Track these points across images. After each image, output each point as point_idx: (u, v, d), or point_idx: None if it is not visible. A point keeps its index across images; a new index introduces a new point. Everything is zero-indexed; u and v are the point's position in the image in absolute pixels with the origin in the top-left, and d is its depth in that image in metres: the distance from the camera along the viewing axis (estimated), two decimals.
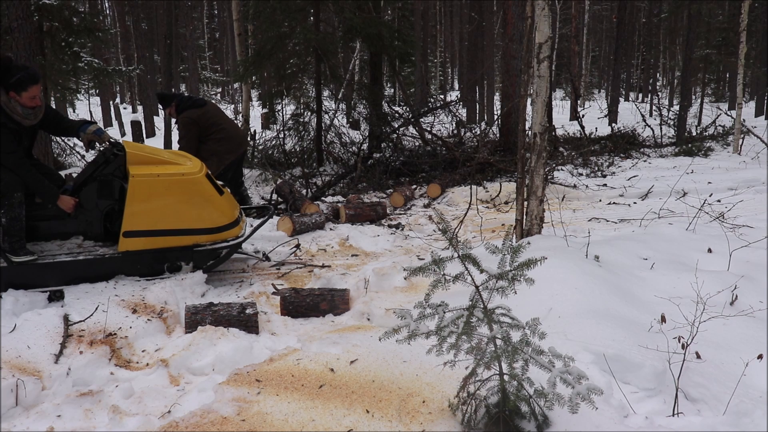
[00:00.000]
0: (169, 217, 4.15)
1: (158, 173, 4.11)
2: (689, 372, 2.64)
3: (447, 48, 35.06)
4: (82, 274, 4.02)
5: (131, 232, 4.07)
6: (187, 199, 4.19)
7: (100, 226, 4.33)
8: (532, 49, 4.40)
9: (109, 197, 4.28)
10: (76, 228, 4.33)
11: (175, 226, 4.17)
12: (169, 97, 5.78)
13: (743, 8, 11.36)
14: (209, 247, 4.32)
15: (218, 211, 4.36)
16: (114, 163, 4.22)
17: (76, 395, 2.71)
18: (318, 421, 2.40)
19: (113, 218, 4.30)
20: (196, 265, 4.34)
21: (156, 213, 4.11)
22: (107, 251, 4.15)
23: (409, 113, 10.66)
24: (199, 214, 4.24)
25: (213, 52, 38.85)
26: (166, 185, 4.11)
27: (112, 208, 4.30)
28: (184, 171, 4.22)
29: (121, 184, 4.23)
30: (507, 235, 2.26)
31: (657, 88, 33.11)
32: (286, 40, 9.39)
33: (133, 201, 4.03)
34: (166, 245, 4.20)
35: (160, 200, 4.10)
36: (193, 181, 4.20)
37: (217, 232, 4.34)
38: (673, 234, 4.78)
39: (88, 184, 4.23)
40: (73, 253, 4.10)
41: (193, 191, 4.20)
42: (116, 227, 4.22)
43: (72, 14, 9.73)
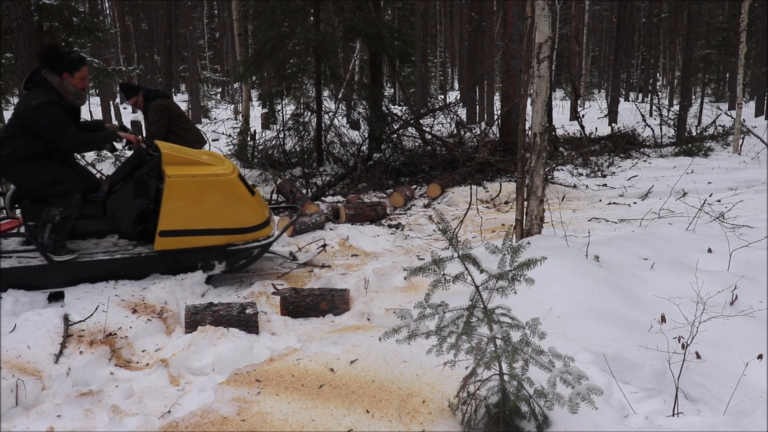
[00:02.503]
0: (203, 217, 4.23)
1: (193, 174, 4.19)
2: (689, 372, 2.64)
3: (447, 48, 35.05)
4: (119, 272, 4.10)
5: (167, 231, 4.14)
6: (221, 200, 4.26)
7: (135, 225, 4.41)
8: (532, 49, 4.40)
9: (144, 197, 4.37)
10: (111, 227, 4.41)
11: (210, 226, 4.25)
12: (135, 88, 5.80)
13: (743, 8, 11.36)
14: (242, 246, 4.38)
15: (251, 211, 4.42)
16: (149, 164, 4.30)
17: (76, 395, 2.71)
18: (318, 421, 2.40)
19: (148, 218, 4.38)
20: (228, 265, 4.40)
21: (191, 213, 4.18)
22: (143, 250, 4.22)
23: (409, 113, 10.66)
24: (232, 214, 4.31)
25: (213, 52, 38.83)
26: (202, 186, 4.19)
27: (147, 208, 4.39)
28: (218, 172, 4.29)
29: (157, 184, 4.33)
30: (507, 235, 2.26)
31: (657, 88, 33.11)
32: (286, 40, 9.39)
33: (170, 201, 4.11)
34: (201, 245, 4.26)
35: (196, 200, 4.18)
36: (228, 182, 4.27)
37: (250, 232, 4.41)
38: (673, 234, 4.78)
39: (124, 184, 4.33)
40: (109, 252, 4.18)
41: (227, 191, 4.28)
42: (150, 226, 4.30)
43: (72, 14, 9.73)
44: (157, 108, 5.56)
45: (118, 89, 6.17)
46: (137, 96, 5.74)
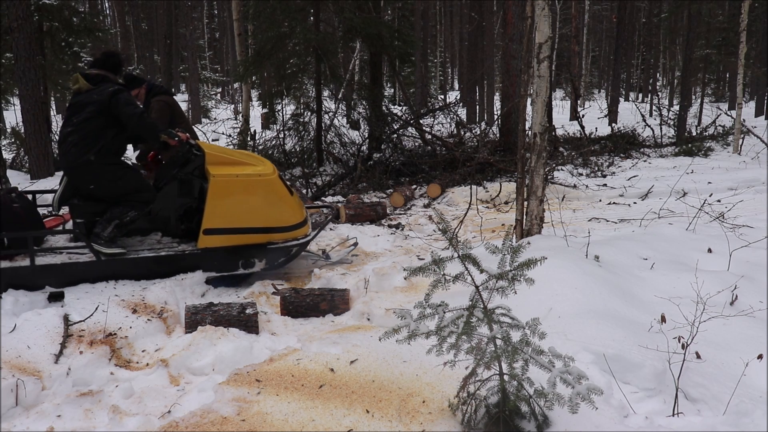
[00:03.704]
0: (246, 216, 4.32)
1: (237, 173, 4.30)
2: (689, 372, 2.64)
3: (447, 48, 35.05)
4: (164, 269, 4.19)
5: (211, 229, 4.24)
6: (263, 199, 4.36)
7: (178, 223, 4.50)
8: (532, 49, 4.40)
9: (188, 196, 4.45)
10: (155, 224, 4.51)
11: (252, 225, 4.35)
12: (138, 80, 5.78)
13: (743, 8, 11.36)
14: (282, 245, 4.48)
15: (290, 210, 4.53)
16: (193, 163, 4.39)
17: (76, 395, 2.71)
18: (318, 421, 2.40)
19: (190, 216, 4.48)
20: (268, 262, 4.47)
21: (234, 212, 4.28)
22: (187, 248, 4.31)
23: (409, 113, 10.66)
24: (273, 213, 4.42)
25: (213, 52, 38.83)
26: (245, 185, 4.29)
27: (190, 207, 4.47)
28: (260, 172, 4.40)
29: (201, 183, 4.42)
30: (507, 235, 2.26)
31: (657, 88, 33.10)
32: (286, 40, 9.39)
33: (214, 200, 4.21)
34: (243, 243, 4.36)
35: (239, 199, 4.28)
36: (269, 182, 4.39)
37: (289, 231, 4.51)
38: (673, 234, 4.78)
39: (168, 183, 4.41)
40: (154, 249, 4.28)
41: (269, 191, 4.38)
42: (193, 225, 4.41)
43: (72, 14, 9.74)
44: (161, 104, 5.54)
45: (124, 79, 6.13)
46: (140, 88, 5.72)
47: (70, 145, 4.00)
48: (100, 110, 3.97)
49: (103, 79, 4.08)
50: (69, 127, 4.03)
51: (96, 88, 4.02)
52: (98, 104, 3.96)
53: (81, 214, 4.15)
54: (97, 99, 3.97)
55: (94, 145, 3.99)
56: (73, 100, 4.10)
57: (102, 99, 3.96)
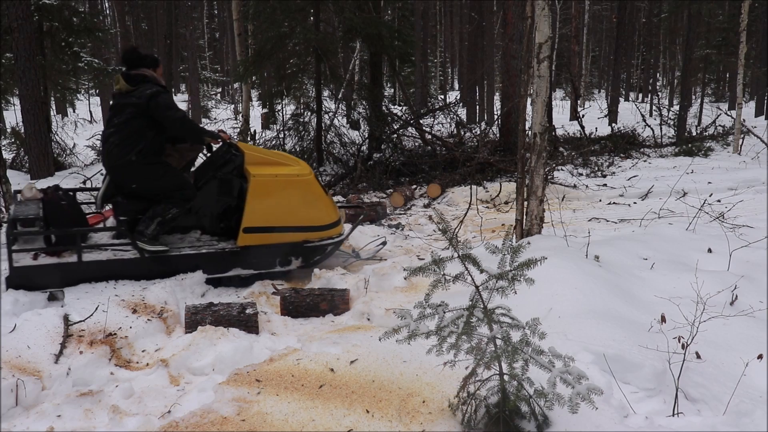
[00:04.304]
0: (284, 215, 4.43)
1: (276, 173, 4.42)
2: (689, 372, 2.64)
3: (447, 48, 35.04)
4: (203, 266, 4.28)
5: (251, 228, 4.34)
6: (301, 198, 4.48)
7: (217, 221, 4.59)
8: (532, 49, 4.40)
9: (228, 195, 4.53)
10: (195, 222, 4.59)
11: (290, 224, 4.46)
12: None
13: (743, 8, 11.35)
14: (317, 243, 4.60)
15: (326, 209, 4.64)
16: (233, 163, 4.48)
17: (76, 395, 2.71)
18: (318, 421, 2.40)
19: (229, 215, 4.56)
20: (304, 261, 4.57)
21: (273, 211, 4.39)
22: (226, 245, 4.40)
23: (409, 113, 10.65)
24: (310, 213, 4.53)
25: (213, 52, 38.82)
26: (284, 185, 4.41)
27: (229, 205, 4.55)
28: (298, 172, 4.52)
29: (240, 183, 4.50)
30: (507, 235, 2.26)
31: (657, 88, 33.10)
32: (286, 40, 9.39)
33: (254, 199, 4.31)
34: (281, 241, 4.46)
35: (278, 199, 4.39)
36: (307, 182, 4.51)
37: (325, 230, 4.62)
38: (673, 234, 4.78)
39: (208, 183, 4.49)
40: (195, 246, 4.38)
41: (306, 191, 4.51)
42: (232, 223, 4.51)
43: (72, 14, 9.74)
44: None
45: None
46: None
47: (111, 145, 4.10)
48: (139, 112, 4.06)
49: (142, 79, 4.14)
50: (111, 128, 4.14)
51: (135, 90, 4.09)
52: (137, 107, 4.05)
53: (124, 211, 4.26)
54: (135, 102, 4.05)
55: (135, 146, 4.08)
56: (114, 101, 4.20)
57: (140, 102, 4.04)
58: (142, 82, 4.12)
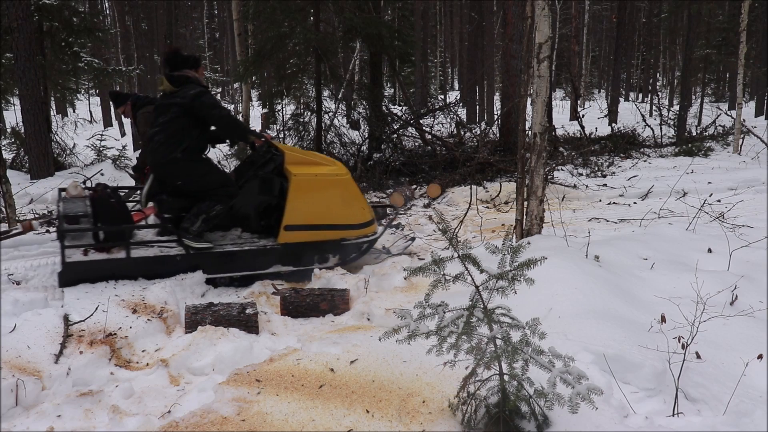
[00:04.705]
0: (323, 213, 4.56)
1: (316, 173, 4.56)
2: (689, 372, 2.64)
3: (447, 48, 35.03)
4: (245, 263, 4.40)
5: (291, 226, 4.47)
6: (339, 197, 4.61)
7: (258, 219, 4.71)
8: (532, 49, 4.40)
9: (268, 193, 4.66)
10: (235, 221, 4.71)
11: (328, 222, 4.58)
12: (123, 96, 5.81)
13: (743, 8, 11.35)
14: (354, 241, 4.73)
15: (362, 208, 4.80)
16: (273, 163, 4.62)
17: (76, 395, 2.71)
18: (318, 421, 2.40)
19: (269, 213, 4.69)
20: (341, 258, 4.66)
21: (313, 209, 4.52)
22: (267, 243, 4.52)
23: (409, 113, 10.65)
24: (347, 211, 4.66)
25: (213, 52, 38.81)
26: (324, 184, 4.55)
27: (269, 204, 4.67)
28: (337, 172, 4.68)
29: (281, 182, 4.62)
30: (507, 235, 2.26)
31: (657, 88, 33.09)
32: (286, 40, 9.38)
33: (295, 197, 4.44)
34: (320, 239, 4.58)
35: (317, 197, 4.52)
36: (345, 181, 4.67)
37: (360, 228, 4.76)
38: (673, 234, 4.78)
39: (250, 181, 4.62)
40: (237, 244, 4.50)
41: (344, 190, 4.66)
42: (272, 221, 4.64)
43: (72, 14, 9.73)
44: (146, 117, 5.56)
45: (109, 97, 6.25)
46: (125, 105, 5.75)
47: (157, 144, 4.22)
48: (184, 112, 4.19)
49: (185, 80, 4.28)
50: (156, 127, 4.28)
51: (179, 91, 4.23)
52: (181, 106, 4.18)
53: (168, 209, 4.39)
54: (180, 101, 4.19)
55: (180, 144, 4.20)
56: (159, 102, 4.39)
57: (184, 102, 4.17)
58: (185, 83, 4.26)
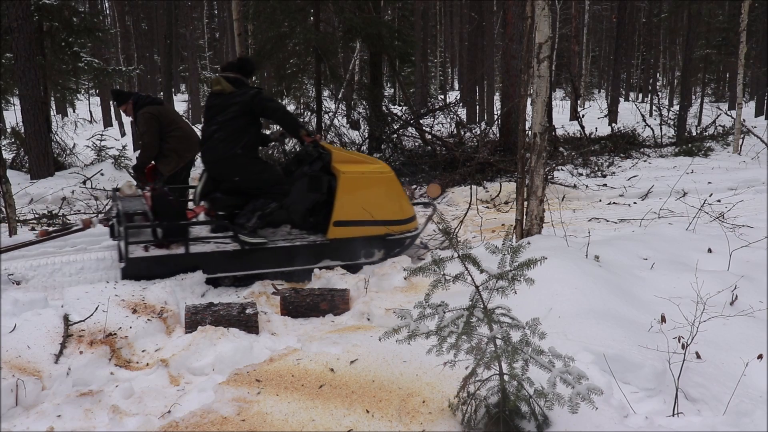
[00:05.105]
0: (370, 210, 4.69)
1: (363, 171, 4.75)
2: (689, 372, 2.64)
3: (447, 48, 35.03)
4: (296, 258, 4.57)
5: (340, 221, 4.64)
6: (385, 194, 4.78)
7: (307, 216, 4.88)
8: (532, 49, 4.40)
9: (317, 190, 4.79)
10: (285, 217, 4.88)
11: (375, 218, 4.71)
12: (125, 94, 5.82)
13: (743, 8, 11.36)
14: (398, 236, 4.88)
15: (406, 205, 4.97)
16: (321, 161, 4.76)
17: (76, 395, 2.71)
18: (318, 421, 2.40)
19: (317, 210, 4.84)
20: (385, 253, 4.78)
21: (360, 205, 4.67)
22: (317, 238, 4.70)
23: (409, 113, 10.65)
24: (392, 208, 4.82)
25: (213, 52, 38.81)
26: (370, 181, 4.73)
27: (317, 201, 4.82)
28: (382, 170, 4.87)
29: (329, 179, 4.76)
30: (507, 235, 2.26)
31: (657, 88, 33.09)
32: (286, 40, 9.39)
33: (344, 194, 4.61)
34: (366, 234, 4.72)
35: (365, 194, 4.69)
36: (390, 179, 4.83)
37: (404, 224, 4.93)
38: (673, 234, 4.78)
39: (299, 179, 4.76)
40: (288, 239, 4.68)
41: (389, 187, 4.82)
42: (319, 218, 4.80)
43: (72, 14, 9.73)
44: (146, 117, 5.58)
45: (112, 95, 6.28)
46: (127, 104, 5.76)
47: (217, 141, 4.41)
48: (243, 110, 4.38)
49: (242, 82, 4.51)
50: (214, 125, 4.45)
51: (237, 91, 4.43)
52: (241, 105, 4.37)
53: (222, 206, 4.56)
54: (240, 100, 4.38)
55: (240, 141, 4.40)
56: (213, 102, 4.52)
57: (244, 100, 4.37)
58: (242, 84, 4.51)
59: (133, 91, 6.17)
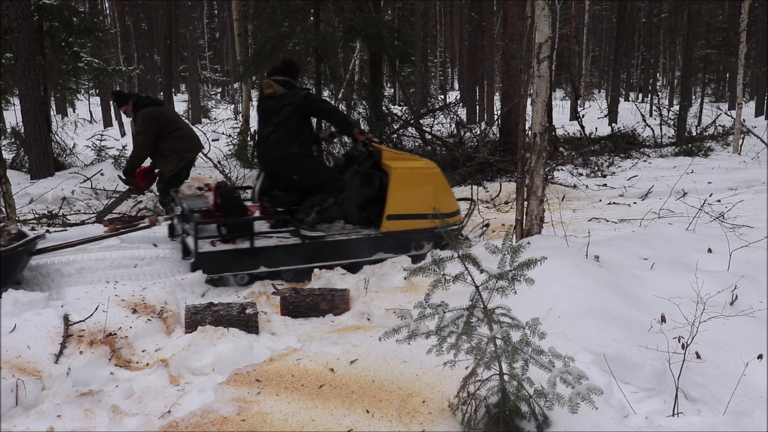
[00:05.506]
0: (419, 204, 4.87)
1: (412, 167, 4.95)
2: (689, 372, 2.64)
3: (447, 48, 35.03)
4: (352, 251, 4.77)
5: (393, 215, 4.82)
6: (433, 189, 4.95)
7: (359, 211, 5.05)
8: (532, 49, 4.40)
9: (369, 186, 4.97)
10: (339, 213, 5.03)
11: (424, 211, 4.86)
12: (125, 96, 5.83)
13: (743, 8, 11.36)
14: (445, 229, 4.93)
15: (451, 199, 5.16)
16: (373, 158, 4.96)
17: (76, 395, 2.71)
18: (318, 421, 2.40)
19: (369, 205, 5.02)
20: (434, 246, 4.93)
21: (411, 200, 4.86)
22: (371, 232, 4.89)
23: (409, 113, 10.65)
24: (439, 201, 4.98)
25: (213, 52, 38.81)
26: (420, 176, 4.92)
27: (369, 197, 4.99)
28: (429, 165, 5.07)
29: (380, 176, 4.94)
30: (507, 235, 2.26)
31: (657, 88, 33.09)
32: (286, 40, 9.37)
33: (396, 189, 4.80)
34: (416, 227, 4.89)
35: (415, 189, 4.88)
36: (437, 174, 5.01)
37: (450, 217, 5.11)
38: (673, 234, 4.78)
39: (352, 176, 4.91)
40: (344, 233, 4.88)
41: (437, 182, 5.00)
42: (371, 213, 4.99)
43: (72, 14, 9.72)
44: (144, 117, 5.59)
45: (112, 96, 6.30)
46: (127, 105, 5.77)
47: (274, 141, 4.57)
48: (296, 111, 4.53)
49: (291, 84, 4.66)
50: (270, 126, 4.60)
51: (288, 92, 4.58)
52: (294, 105, 4.53)
53: (281, 203, 4.72)
54: (292, 101, 4.53)
55: (296, 140, 4.56)
56: (266, 104, 4.66)
57: (296, 101, 4.53)
58: (291, 86, 4.66)
59: (133, 93, 6.18)
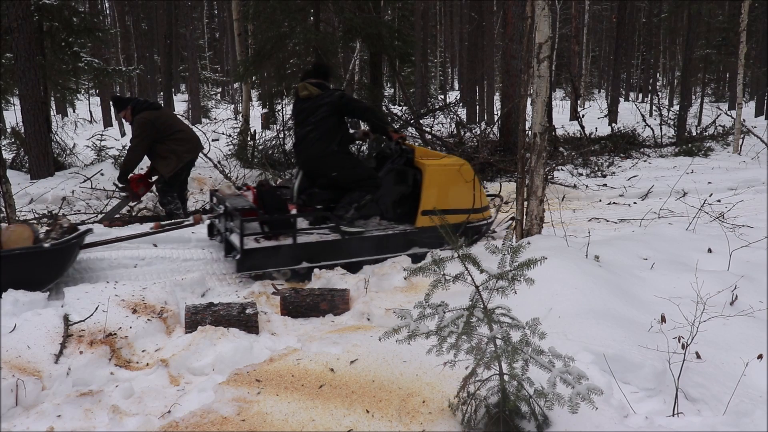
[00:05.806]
0: (452, 199, 5.06)
1: (445, 164, 5.09)
2: (689, 372, 2.64)
3: (447, 48, 35.03)
4: (389, 246, 4.88)
5: (427, 211, 4.94)
6: (464, 184, 5.10)
7: (394, 207, 5.19)
8: (532, 49, 4.40)
9: (403, 183, 5.13)
10: (375, 209, 5.16)
11: (456, 206, 5.07)
12: (124, 101, 5.84)
13: (743, 8, 11.36)
14: (476, 224, 5.24)
15: (482, 194, 5.31)
16: (406, 156, 5.09)
17: (76, 395, 2.71)
18: (318, 421, 2.40)
19: (403, 201, 5.17)
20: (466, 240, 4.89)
21: (444, 195, 5.02)
22: (407, 228, 5.02)
23: (409, 113, 10.65)
24: (471, 197, 5.14)
25: (213, 52, 38.81)
26: (452, 173, 5.06)
27: (403, 193, 5.14)
28: (460, 162, 5.18)
29: (414, 173, 5.08)
30: (507, 235, 2.25)
31: (657, 88, 33.09)
32: (286, 40, 9.37)
33: (430, 185, 4.94)
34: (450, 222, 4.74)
35: (448, 185, 5.03)
36: (468, 170, 5.15)
37: (481, 212, 5.28)
38: (673, 234, 4.78)
39: (387, 174, 5.04)
40: (380, 229, 4.99)
41: (468, 177, 5.13)
42: (405, 209, 5.14)
43: (72, 14, 9.71)
44: (140, 121, 5.60)
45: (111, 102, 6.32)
46: (126, 110, 5.78)
47: (313, 140, 4.67)
48: (333, 110, 4.64)
49: (325, 86, 4.81)
50: (308, 126, 4.70)
51: (323, 93, 4.71)
52: (331, 105, 4.64)
53: (319, 201, 4.86)
54: (328, 101, 4.65)
55: (335, 138, 4.68)
56: (301, 106, 4.78)
57: (333, 101, 4.64)
58: (326, 87, 4.80)
59: (132, 97, 6.19)
